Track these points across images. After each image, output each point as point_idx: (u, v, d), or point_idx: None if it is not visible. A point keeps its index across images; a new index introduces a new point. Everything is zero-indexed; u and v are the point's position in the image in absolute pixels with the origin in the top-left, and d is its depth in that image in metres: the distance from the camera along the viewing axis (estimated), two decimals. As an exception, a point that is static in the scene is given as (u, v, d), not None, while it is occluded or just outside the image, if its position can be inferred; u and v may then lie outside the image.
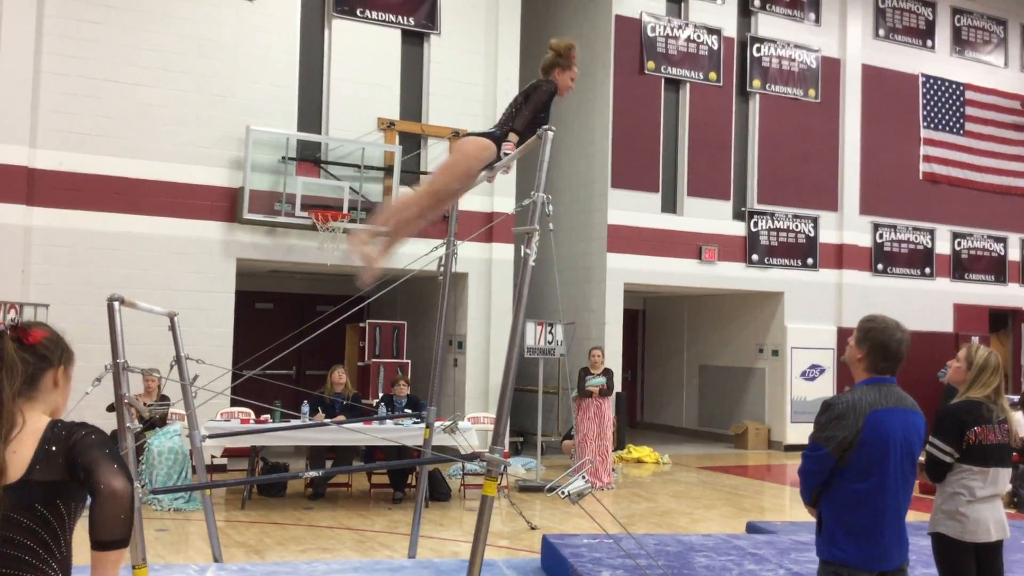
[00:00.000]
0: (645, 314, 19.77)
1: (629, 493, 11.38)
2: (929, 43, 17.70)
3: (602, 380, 11.51)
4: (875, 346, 3.67)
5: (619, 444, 13.89)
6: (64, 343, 2.40)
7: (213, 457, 10.74)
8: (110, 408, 7.75)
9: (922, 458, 4.19)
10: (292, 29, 12.65)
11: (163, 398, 9.87)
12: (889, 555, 3.64)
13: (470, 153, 5.10)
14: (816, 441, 3.64)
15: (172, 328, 6.42)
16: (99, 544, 2.10)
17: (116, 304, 4.90)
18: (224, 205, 12.06)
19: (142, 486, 4.70)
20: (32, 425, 2.20)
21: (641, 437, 15.77)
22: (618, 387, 13.44)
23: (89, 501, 2.15)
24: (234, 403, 10.80)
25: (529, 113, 5.18)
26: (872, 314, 3.84)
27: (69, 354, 2.41)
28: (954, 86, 17.81)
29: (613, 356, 14.02)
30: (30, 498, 2.11)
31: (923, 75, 17.51)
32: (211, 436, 7.61)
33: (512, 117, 5.23)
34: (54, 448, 2.15)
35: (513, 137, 5.21)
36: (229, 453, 11.44)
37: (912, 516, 3.87)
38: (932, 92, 17.60)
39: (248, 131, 11.78)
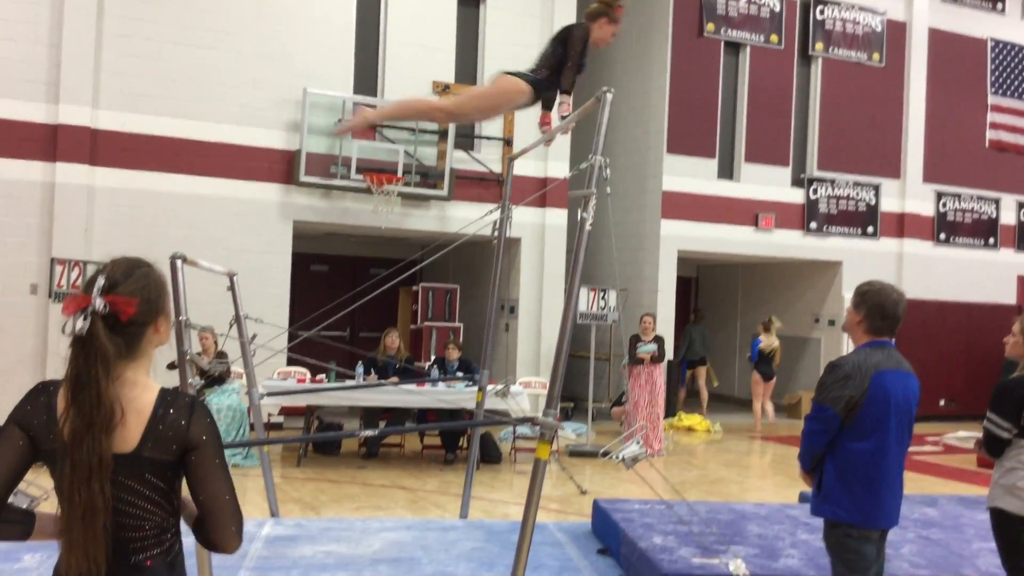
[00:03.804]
0: (698, 281, 19.59)
1: (680, 461, 11.37)
2: (999, 6, 17.09)
3: (653, 347, 11.46)
4: (873, 308, 3.80)
5: (670, 411, 13.86)
6: (157, 289, 2.23)
7: (270, 415, 10.95)
8: (171, 366, 7.91)
9: (979, 434, 4.19)
10: (349, -9, 12.66)
11: (220, 355, 10.04)
12: (889, 513, 3.76)
13: (507, 91, 5.02)
14: (823, 402, 3.74)
15: (231, 287, 6.52)
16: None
17: (179, 262, 5.00)
18: (281, 167, 12.18)
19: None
20: (140, 398, 2.14)
21: (692, 405, 15.70)
22: (669, 355, 13.38)
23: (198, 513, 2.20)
24: (290, 362, 10.99)
25: (574, 68, 5.08)
26: (868, 280, 3.97)
27: (165, 300, 2.26)
28: (1025, 51, 17.22)
29: (665, 323, 13.94)
30: (141, 470, 2.11)
31: (992, 39, 16.93)
32: (269, 394, 7.74)
33: (552, 66, 5.08)
34: (170, 434, 2.11)
35: (565, 98, 5.15)
36: (285, 412, 11.66)
37: (972, 490, 3.82)
38: (1001, 57, 17.03)
39: (305, 94, 11.86)
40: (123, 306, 2.11)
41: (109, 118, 11.39)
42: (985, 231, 16.93)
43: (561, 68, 5.08)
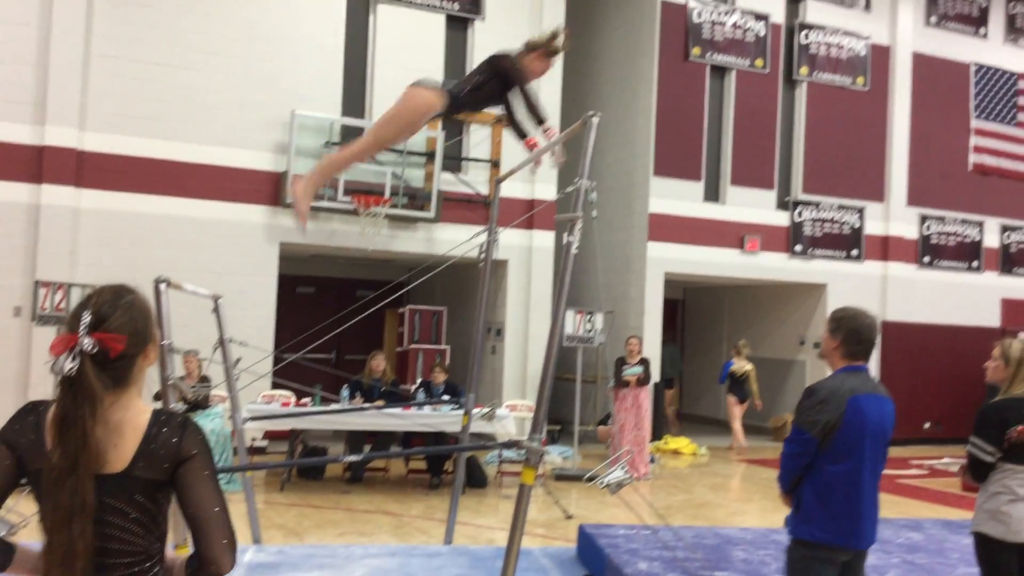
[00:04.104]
0: (684, 304, 19.63)
1: (666, 484, 11.33)
2: (982, 31, 17.30)
3: (639, 369, 11.45)
4: (849, 333, 3.86)
5: (656, 435, 13.84)
6: (143, 319, 2.21)
7: (253, 439, 10.87)
8: (157, 397, 7.86)
9: (963, 459, 4.20)
10: (338, 14, 12.71)
11: (204, 380, 9.99)
12: (864, 533, 3.81)
13: (416, 107, 4.94)
14: (800, 426, 3.82)
15: (216, 310, 6.49)
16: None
17: (163, 286, 4.97)
18: (268, 189, 12.17)
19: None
20: (134, 420, 2.13)
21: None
22: (656, 377, 13.36)
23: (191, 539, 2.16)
24: (275, 386, 10.93)
25: (535, 101, 5.03)
26: (842, 306, 4.04)
27: (151, 327, 2.24)
28: (1007, 75, 17.39)
29: (652, 346, 13.94)
30: (131, 490, 2.09)
31: (975, 63, 17.12)
32: (253, 418, 7.69)
33: (476, 87, 5.08)
34: (161, 452, 2.11)
35: (546, 124, 5.12)
36: (269, 435, 11.57)
37: (956, 514, 3.83)
38: (984, 81, 17.21)
39: (293, 116, 11.86)
40: (112, 343, 2.10)
41: (95, 139, 11.37)
42: (969, 254, 17.04)
43: (482, 93, 5.09)
